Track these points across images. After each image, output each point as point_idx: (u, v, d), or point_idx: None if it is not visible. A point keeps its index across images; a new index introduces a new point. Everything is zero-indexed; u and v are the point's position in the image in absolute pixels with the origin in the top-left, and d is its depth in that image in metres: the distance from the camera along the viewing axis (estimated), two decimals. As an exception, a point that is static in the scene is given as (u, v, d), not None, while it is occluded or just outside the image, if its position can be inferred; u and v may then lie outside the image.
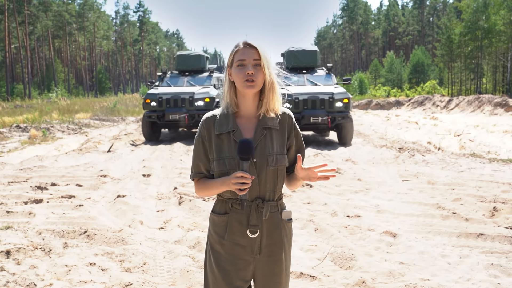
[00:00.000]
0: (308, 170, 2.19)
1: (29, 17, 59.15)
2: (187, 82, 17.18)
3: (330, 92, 14.37)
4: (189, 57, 18.08)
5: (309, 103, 14.18)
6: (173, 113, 15.71)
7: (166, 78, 17.70)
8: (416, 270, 4.42)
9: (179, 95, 15.90)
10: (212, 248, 2.31)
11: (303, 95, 14.23)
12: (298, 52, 16.51)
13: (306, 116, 14.11)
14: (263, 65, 2.20)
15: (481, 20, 41.57)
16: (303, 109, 14.20)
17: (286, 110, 2.34)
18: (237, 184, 2.13)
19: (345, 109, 14.35)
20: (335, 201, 7.20)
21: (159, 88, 16.83)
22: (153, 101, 15.85)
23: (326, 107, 14.21)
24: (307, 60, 16.49)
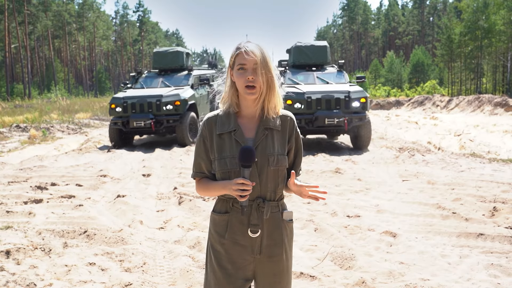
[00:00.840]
0: (300, 187, 2.23)
1: (29, 17, 59.15)
2: (162, 82, 15.75)
3: (345, 91, 12.99)
4: (167, 54, 16.58)
5: (323, 103, 12.79)
6: (138, 120, 14.16)
7: (141, 78, 16.28)
8: (416, 270, 4.42)
9: (146, 99, 14.30)
10: (212, 247, 2.32)
11: (316, 94, 12.86)
12: (306, 48, 15.18)
13: (320, 118, 12.75)
14: (261, 70, 2.20)
15: (481, 20, 41.58)
16: (316, 109, 12.85)
17: (287, 112, 2.35)
18: (238, 191, 2.14)
19: (362, 109, 12.99)
20: (335, 201, 7.20)
21: (127, 91, 15.39)
22: (118, 106, 14.38)
23: (342, 107, 12.82)
24: (316, 56, 15.14)
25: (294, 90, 13.04)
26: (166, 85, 15.49)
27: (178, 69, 16.49)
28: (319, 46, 15.35)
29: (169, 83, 15.65)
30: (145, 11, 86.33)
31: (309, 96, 12.83)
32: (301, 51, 15.13)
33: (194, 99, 15.15)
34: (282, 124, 2.30)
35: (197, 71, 16.87)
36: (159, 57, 16.68)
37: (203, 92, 16.44)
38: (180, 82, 15.70)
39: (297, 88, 13.20)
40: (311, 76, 14.47)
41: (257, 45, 2.24)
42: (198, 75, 16.46)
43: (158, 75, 16.33)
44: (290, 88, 13.23)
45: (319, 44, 15.47)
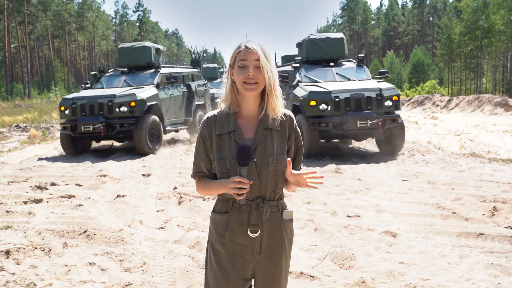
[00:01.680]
0: (297, 176, 2.23)
1: (29, 17, 59.13)
2: (124, 81, 14.07)
3: (376, 88, 11.48)
4: (133, 50, 14.93)
5: (353, 103, 11.24)
6: (86, 123, 12.42)
7: (104, 77, 14.75)
8: (416, 269, 4.42)
9: (96, 100, 12.62)
10: (212, 247, 2.32)
11: (344, 93, 11.32)
12: (321, 41, 13.55)
13: (351, 120, 11.09)
14: (263, 66, 2.20)
15: (481, 19, 41.59)
16: (345, 110, 11.24)
17: (287, 111, 2.35)
18: (235, 189, 2.15)
19: (395, 109, 11.55)
20: (335, 201, 7.20)
21: (82, 91, 13.96)
22: (67, 109, 12.76)
23: (374, 107, 11.30)
24: (333, 50, 13.54)
25: (317, 89, 11.61)
26: (128, 84, 13.85)
27: (146, 67, 14.88)
28: (335, 39, 13.77)
29: (132, 82, 13.99)
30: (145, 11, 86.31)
31: (337, 95, 11.27)
32: (315, 45, 13.54)
33: (156, 100, 13.36)
34: (281, 124, 2.30)
35: (167, 69, 15.12)
36: (124, 53, 15.13)
37: (175, 93, 14.76)
38: (145, 81, 14.02)
39: (319, 87, 11.76)
40: (329, 72, 12.94)
41: (258, 44, 2.25)
42: (168, 73, 14.60)
43: (122, 73, 14.75)
44: (310, 87, 11.83)
45: (335, 36, 13.89)
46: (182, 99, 15.24)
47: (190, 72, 16.32)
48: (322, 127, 11.26)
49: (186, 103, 15.49)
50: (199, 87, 16.32)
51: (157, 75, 14.14)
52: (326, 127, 11.30)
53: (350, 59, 14.03)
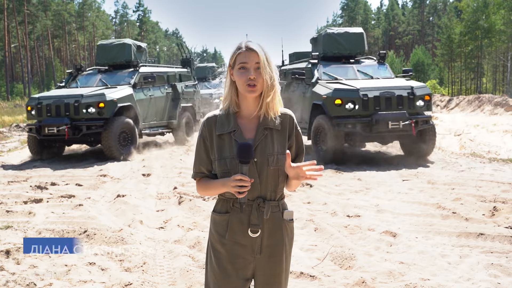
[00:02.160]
0: (297, 168, 2.21)
1: (29, 17, 59.12)
2: (100, 80, 13.16)
3: (408, 86, 10.63)
4: (112, 47, 14.10)
5: (383, 102, 10.31)
6: (51, 125, 11.54)
7: (80, 76, 13.77)
8: (416, 269, 4.42)
9: (63, 100, 11.73)
10: (213, 247, 2.32)
11: (372, 91, 10.39)
12: (340, 36, 12.59)
13: (382, 121, 10.14)
14: (263, 69, 2.20)
15: (481, 19, 41.58)
16: (374, 110, 10.29)
17: (287, 110, 2.35)
18: (236, 187, 2.14)
19: (427, 109, 10.67)
20: (335, 201, 7.20)
21: (52, 91, 13.22)
22: (33, 109, 11.95)
23: (405, 107, 10.39)
24: (352, 46, 12.60)
25: (342, 86, 10.69)
26: (103, 83, 12.93)
27: (126, 66, 13.87)
28: (354, 34, 12.85)
29: (108, 81, 13.06)
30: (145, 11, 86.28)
31: (365, 93, 10.30)
32: (333, 40, 12.57)
33: (130, 101, 12.36)
34: (281, 123, 2.30)
35: (149, 68, 14.13)
36: (103, 50, 14.28)
37: (156, 94, 13.85)
38: (122, 81, 13.08)
39: (344, 84, 10.82)
40: (349, 69, 12.01)
41: (258, 44, 2.25)
42: (147, 72, 13.54)
43: (99, 72, 13.82)
44: (333, 84, 10.91)
45: (355, 31, 13.00)
46: (166, 101, 14.32)
47: (177, 71, 15.52)
48: (348, 128, 10.33)
49: (171, 105, 14.53)
50: (186, 88, 15.40)
51: (135, 75, 13.21)
52: (353, 129, 10.36)
53: (368, 56, 13.18)
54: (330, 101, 10.38)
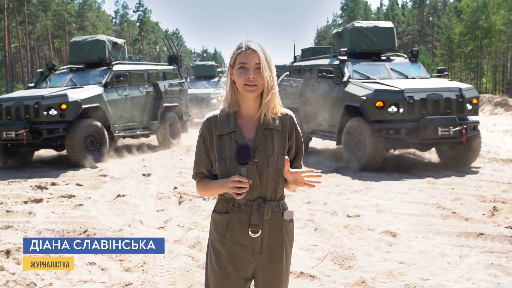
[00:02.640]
0: (295, 174, 2.22)
1: (29, 17, 59.14)
2: (71, 80, 12.26)
3: (455, 88, 9.63)
4: (84, 44, 13.16)
5: (430, 105, 9.28)
6: (9, 129, 10.72)
7: (52, 75, 12.91)
8: (416, 269, 4.42)
9: (23, 101, 10.89)
10: (213, 247, 2.32)
11: (418, 92, 9.36)
12: (369, 30, 11.50)
13: (430, 126, 9.13)
14: (263, 68, 2.21)
15: (481, 19, 41.57)
16: (421, 114, 9.27)
17: (287, 110, 2.35)
18: (234, 188, 2.15)
19: (474, 113, 9.73)
20: (335, 201, 7.20)
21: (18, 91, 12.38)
22: None
23: (454, 111, 9.36)
24: (382, 41, 11.52)
25: (383, 87, 9.70)
26: (73, 83, 12.05)
27: (98, 63, 12.96)
28: (384, 28, 11.76)
29: (79, 81, 12.19)
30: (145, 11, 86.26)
31: (411, 95, 9.28)
32: (362, 35, 11.49)
33: (99, 102, 11.52)
34: (281, 123, 2.30)
35: (125, 65, 13.20)
36: (76, 48, 13.36)
37: (134, 93, 12.97)
38: (93, 80, 12.23)
39: (385, 84, 9.83)
40: (382, 68, 11.01)
41: (259, 44, 2.25)
42: (122, 71, 12.60)
43: (71, 71, 12.95)
44: (371, 84, 9.94)
45: (385, 25, 11.92)
46: (145, 101, 13.43)
47: (160, 69, 14.65)
48: (391, 134, 9.34)
49: (152, 105, 13.67)
50: (171, 87, 14.48)
51: (107, 73, 12.32)
52: (396, 135, 9.37)
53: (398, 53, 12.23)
54: (369, 103, 9.41)
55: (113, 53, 13.29)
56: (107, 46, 13.11)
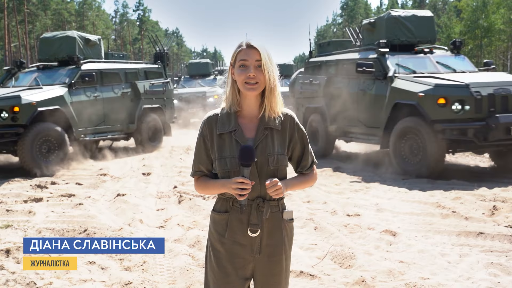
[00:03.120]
0: None
1: (29, 16, 59.13)
2: (35, 79, 11.41)
3: None
4: (54, 41, 12.37)
5: (498, 102, 8.23)
6: None
7: (20, 73, 12.07)
8: (416, 268, 4.42)
9: None
10: (212, 246, 2.32)
11: (485, 88, 8.32)
12: (407, 19, 10.48)
13: (502, 126, 8.08)
14: (264, 66, 2.20)
15: (481, 18, 41.56)
16: (489, 111, 8.19)
17: (288, 111, 2.34)
18: (237, 190, 2.14)
19: None
20: (335, 200, 7.20)
21: None
22: None
23: None
24: (421, 32, 10.53)
25: (444, 81, 8.68)
26: (37, 83, 11.16)
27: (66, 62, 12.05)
28: (424, 17, 10.73)
29: (44, 80, 11.31)
30: (145, 10, 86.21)
31: (477, 90, 8.20)
32: (400, 24, 10.44)
33: (60, 104, 10.60)
34: (282, 124, 2.30)
35: (95, 64, 12.28)
36: (45, 44, 12.59)
37: (106, 94, 12.14)
38: (58, 80, 11.37)
39: (445, 79, 8.78)
40: (427, 61, 10.02)
41: (259, 43, 2.24)
42: (90, 70, 11.71)
43: (39, 69, 12.03)
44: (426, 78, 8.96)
45: (424, 14, 10.89)
46: (121, 102, 12.45)
47: (141, 68, 13.70)
48: (455, 135, 8.27)
49: (129, 106, 12.73)
50: (152, 87, 13.56)
51: (74, 73, 11.45)
52: (462, 136, 8.27)
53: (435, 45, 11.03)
54: (429, 101, 8.36)
55: (85, 51, 12.52)
56: (77, 43, 12.33)
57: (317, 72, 11.90)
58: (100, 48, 13.26)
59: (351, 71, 10.30)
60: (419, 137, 8.54)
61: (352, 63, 10.34)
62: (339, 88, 10.80)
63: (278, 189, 2.18)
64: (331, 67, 11.36)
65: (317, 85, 11.69)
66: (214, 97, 19.72)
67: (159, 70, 14.34)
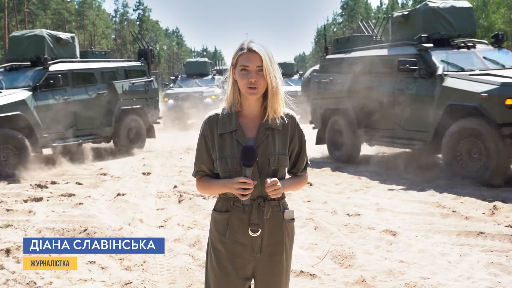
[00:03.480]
0: None
1: (29, 16, 59.12)
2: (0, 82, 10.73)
3: None
4: (23, 40, 11.66)
5: None
6: None
7: None
8: (416, 268, 4.42)
9: None
10: (213, 246, 2.31)
11: None
12: (446, 11, 9.61)
13: None
14: (265, 72, 2.19)
15: (481, 18, 41.56)
16: None
17: (289, 111, 2.33)
18: (239, 190, 2.14)
19: None
20: (335, 200, 7.20)
21: None
22: None
23: None
24: (461, 25, 9.67)
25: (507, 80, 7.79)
26: (1, 86, 10.56)
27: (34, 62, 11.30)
28: (463, 8, 9.87)
29: (8, 83, 10.68)
30: (145, 9, 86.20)
31: None
32: (438, 16, 9.58)
33: (21, 110, 9.90)
34: (283, 124, 2.29)
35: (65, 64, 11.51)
36: (14, 44, 11.92)
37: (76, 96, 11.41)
38: (23, 82, 10.67)
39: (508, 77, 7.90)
40: (473, 56, 9.16)
41: (261, 45, 2.22)
42: (54, 71, 10.97)
43: (6, 70, 11.30)
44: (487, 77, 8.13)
45: (462, 5, 9.98)
46: (96, 104, 11.74)
47: (121, 67, 12.84)
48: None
49: (105, 108, 12.02)
50: (133, 87, 12.79)
51: (40, 75, 10.76)
52: None
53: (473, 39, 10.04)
54: (494, 102, 7.56)
55: (56, 50, 11.74)
56: (46, 42, 11.53)
57: (337, 70, 10.93)
58: (74, 46, 12.46)
59: (383, 68, 9.55)
60: (481, 141, 7.79)
61: (385, 60, 9.57)
62: (369, 87, 9.87)
63: (277, 188, 2.18)
64: (357, 64, 10.29)
65: (339, 84, 10.78)
66: (212, 97, 19.09)
67: (142, 68, 13.51)
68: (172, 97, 19.43)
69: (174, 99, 19.15)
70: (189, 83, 20.76)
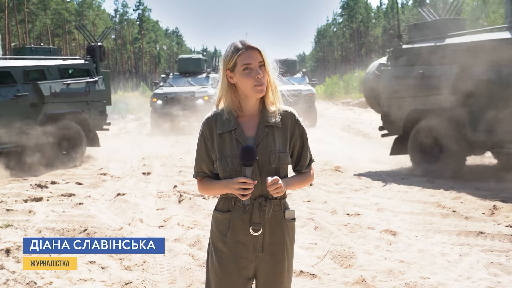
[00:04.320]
0: None
1: (28, 15, 59.14)
2: None
3: None
4: None
5: None
6: None
7: None
8: (416, 268, 4.42)
9: None
10: (214, 246, 2.31)
11: None
12: None
13: None
14: (267, 66, 2.21)
15: (481, 18, 41.57)
16: None
17: (288, 108, 2.33)
18: (240, 190, 2.14)
19: None
20: (335, 199, 7.20)
21: None
22: None
23: None
24: None
25: None
26: None
27: None
28: None
29: None
30: (145, 9, 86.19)
31: None
32: None
33: None
34: (282, 121, 2.29)
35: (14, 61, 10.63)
36: None
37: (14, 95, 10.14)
38: None
39: None
40: None
41: (257, 42, 2.23)
42: None
43: None
44: None
45: None
46: (11, 108, 10.10)
47: (54, 65, 11.14)
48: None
49: (26, 112, 10.32)
50: (67, 89, 11.06)
51: None
52: None
53: None
54: None
55: None
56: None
57: (421, 62, 8.92)
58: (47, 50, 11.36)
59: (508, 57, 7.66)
60: None
61: None
62: (489, 81, 7.91)
63: (278, 187, 2.17)
64: (459, 52, 8.32)
65: (436, 78, 8.57)
66: (204, 98, 17.33)
67: (86, 67, 11.69)
68: (160, 97, 17.64)
69: (162, 100, 17.49)
70: (180, 82, 18.79)
